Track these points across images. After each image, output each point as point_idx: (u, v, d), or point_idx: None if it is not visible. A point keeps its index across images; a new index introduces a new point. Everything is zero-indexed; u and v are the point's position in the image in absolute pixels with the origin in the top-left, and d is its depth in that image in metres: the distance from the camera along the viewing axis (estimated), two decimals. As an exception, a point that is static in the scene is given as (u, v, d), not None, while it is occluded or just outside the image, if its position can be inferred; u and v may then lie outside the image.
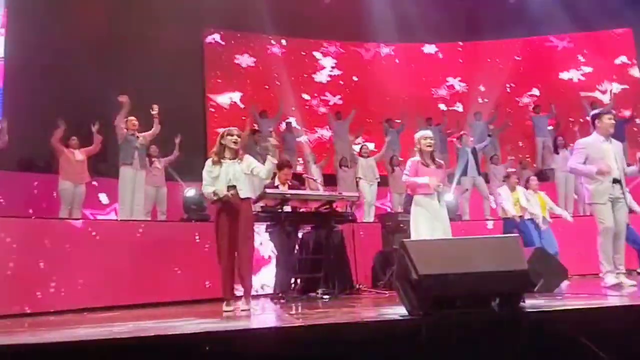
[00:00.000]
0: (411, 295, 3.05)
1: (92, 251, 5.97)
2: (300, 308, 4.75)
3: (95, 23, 9.39)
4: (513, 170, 8.50)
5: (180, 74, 10.33)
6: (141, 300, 6.05)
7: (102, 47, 9.41)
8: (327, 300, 5.53)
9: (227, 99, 11.57)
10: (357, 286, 6.46)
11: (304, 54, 12.38)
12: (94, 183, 8.50)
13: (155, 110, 7.59)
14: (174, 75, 10.07)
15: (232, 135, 4.76)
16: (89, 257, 5.92)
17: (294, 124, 11.07)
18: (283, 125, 11.00)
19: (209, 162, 4.75)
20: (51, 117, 7.93)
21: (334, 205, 6.10)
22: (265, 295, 6.53)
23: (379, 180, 9.52)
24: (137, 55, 9.73)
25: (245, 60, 11.93)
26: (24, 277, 5.39)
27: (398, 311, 3.32)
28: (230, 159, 4.72)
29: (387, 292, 5.99)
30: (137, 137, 7.68)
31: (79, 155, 7.82)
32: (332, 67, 12.47)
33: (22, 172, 8.44)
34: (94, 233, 6.08)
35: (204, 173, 4.74)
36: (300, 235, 6.30)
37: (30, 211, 7.74)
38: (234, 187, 4.63)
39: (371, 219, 8.91)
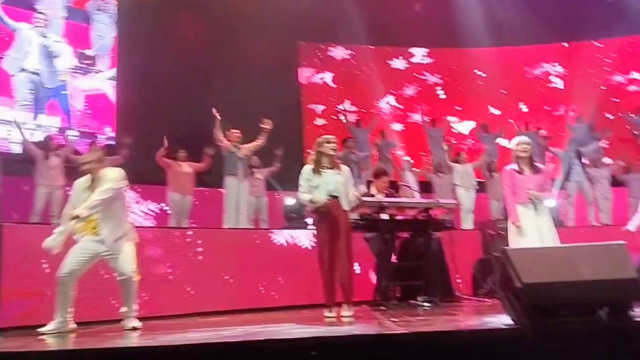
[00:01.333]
0: (515, 304, 3.04)
1: (201, 258, 6.37)
2: (401, 315, 4.79)
3: (198, 42, 9.98)
4: None
5: (277, 86, 10.71)
6: (245, 305, 6.34)
7: (205, 64, 10.01)
8: (427, 307, 5.52)
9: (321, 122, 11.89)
10: (458, 294, 6.40)
11: (390, 62, 12.39)
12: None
13: (267, 125, 7.91)
14: (272, 86, 10.47)
15: (330, 142, 4.83)
16: (197, 264, 6.33)
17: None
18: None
19: (307, 169, 4.82)
20: (161, 132, 8.56)
21: (431, 212, 6.10)
22: (366, 302, 6.63)
23: (477, 187, 9.34)
24: (237, 69, 10.23)
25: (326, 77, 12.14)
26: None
27: (502, 320, 3.30)
28: (328, 168, 4.83)
29: (488, 300, 5.89)
30: (240, 148, 8.07)
31: (187, 167, 8.32)
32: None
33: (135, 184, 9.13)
34: (200, 241, 6.47)
35: (301, 180, 4.82)
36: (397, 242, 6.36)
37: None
38: (336, 197, 4.76)
39: (470, 226, 8.76)
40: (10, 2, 9.00)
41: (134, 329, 4.40)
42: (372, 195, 6.14)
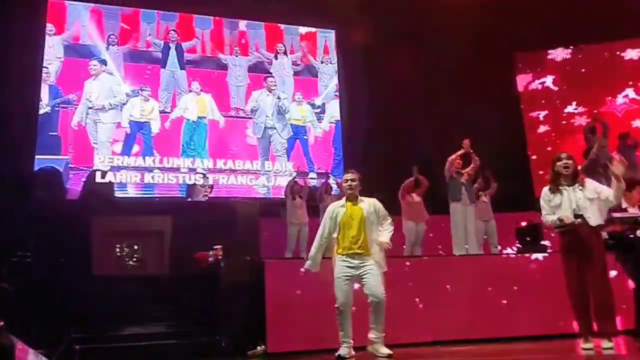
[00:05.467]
0: None
1: (434, 287, 6.28)
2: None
3: (412, 69, 10.16)
4: None
5: (495, 98, 10.31)
6: (485, 335, 6.06)
7: (420, 90, 10.14)
8: None
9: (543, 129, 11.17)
10: None
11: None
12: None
13: (466, 145, 7.77)
14: (489, 101, 10.11)
15: (560, 160, 4.53)
16: (432, 293, 6.26)
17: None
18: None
19: (546, 190, 4.58)
20: (381, 165, 8.83)
21: None
22: (626, 332, 5.84)
23: None
24: (453, 89, 10.14)
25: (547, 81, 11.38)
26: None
27: None
28: (568, 185, 4.48)
29: None
30: (462, 174, 7.91)
31: (416, 197, 8.41)
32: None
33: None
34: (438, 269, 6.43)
35: (542, 202, 4.58)
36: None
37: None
38: (581, 216, 4.35)
39: None
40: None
41: (389, 356, 4.54)
42: (625, 210, 5.43)
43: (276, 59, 10.73)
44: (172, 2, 10.25)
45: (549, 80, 11.35)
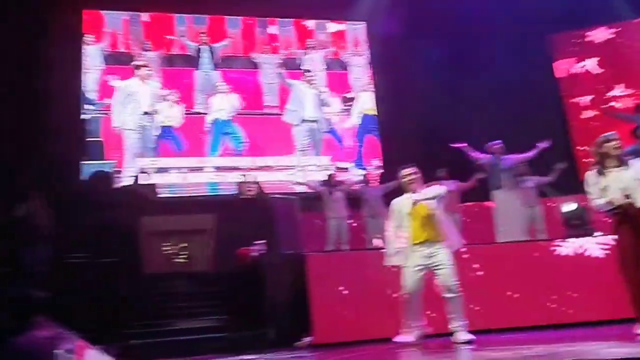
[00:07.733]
0: None
1: (480, 274, 6.21)
2: None
3: (447, 61, 10.04)
4: None
5: (533, 86, 10.09)
6: (534, 322, 5.96)
7: (455, 81, 10.00)
8: None
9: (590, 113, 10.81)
10: None
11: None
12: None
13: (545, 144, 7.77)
14: (527, 88, 9.90)
15: (610, 141, 4.40)
16: (476, 281, 6.17)
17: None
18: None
19: (590, 174, 4.47)
20: (424, 155, 8.73)
21: None
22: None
23: None
24: (487, 77, 9.92)
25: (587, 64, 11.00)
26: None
27: None
28: (615, 167, 4.37)
29: None
30: (503, 160, 7.80)
31: (451, 185, 8.31)
32: None
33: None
34: (476, 258, 6.32)
35: (588, 188, 4.48)
36: None
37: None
38: (629, 196, 4.24)
39: None
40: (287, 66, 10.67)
41: (468, 342, 4.66)
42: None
43: (306, 55, 10.77)
44: (202, 5, 10.40)
45: (589, 63, 11.02)
